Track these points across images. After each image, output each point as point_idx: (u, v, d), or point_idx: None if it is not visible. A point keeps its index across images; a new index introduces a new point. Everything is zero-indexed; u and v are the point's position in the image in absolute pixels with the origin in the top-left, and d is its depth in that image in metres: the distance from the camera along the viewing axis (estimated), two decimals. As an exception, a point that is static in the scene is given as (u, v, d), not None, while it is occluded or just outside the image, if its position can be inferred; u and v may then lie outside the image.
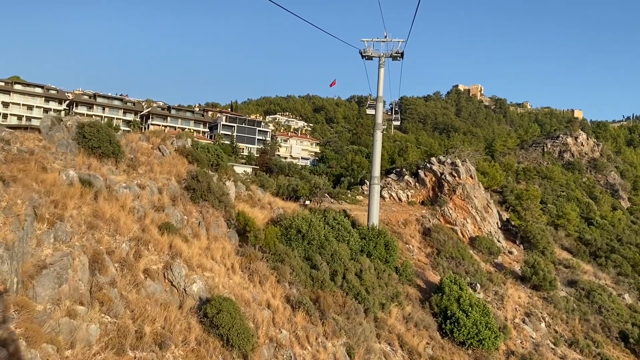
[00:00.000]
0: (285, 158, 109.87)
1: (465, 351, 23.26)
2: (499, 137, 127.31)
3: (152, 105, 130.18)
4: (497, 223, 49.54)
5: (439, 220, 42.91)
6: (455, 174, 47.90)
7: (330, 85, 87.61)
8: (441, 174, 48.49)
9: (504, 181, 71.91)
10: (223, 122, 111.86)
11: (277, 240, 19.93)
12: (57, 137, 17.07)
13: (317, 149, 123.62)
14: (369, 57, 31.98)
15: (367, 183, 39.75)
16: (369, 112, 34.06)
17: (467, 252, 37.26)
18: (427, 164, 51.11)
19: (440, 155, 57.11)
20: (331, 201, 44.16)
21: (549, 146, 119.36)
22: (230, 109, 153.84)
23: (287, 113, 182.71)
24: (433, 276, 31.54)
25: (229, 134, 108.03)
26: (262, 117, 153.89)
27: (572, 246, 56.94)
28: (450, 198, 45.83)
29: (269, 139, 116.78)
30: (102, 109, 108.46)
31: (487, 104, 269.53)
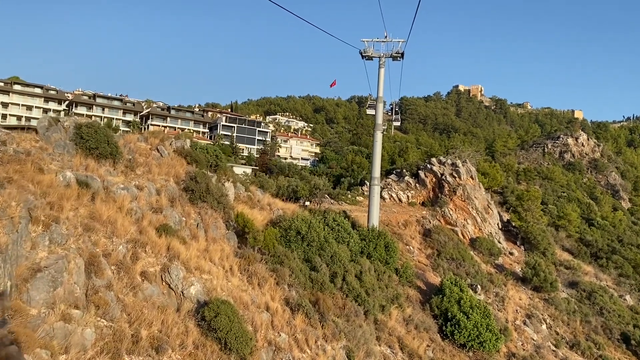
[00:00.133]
0: (285, 159, 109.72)
1: (466, 353, 23.11)
2: (500, 137, 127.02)
3: (151, 105, 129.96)
4: (497, 224, 49.37)
5: (439, 221, 42.74)
6: (456, 175, 47.75)
7: (331, 86, 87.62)
8: (441, 174, 48.33)
9: (505, 182, 71.77)
10: (223, 123, 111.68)
11: (277, 242, 19.79)
12: (54, 137, 16.91)
13: (317, 150, 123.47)
14: (369, 57, 31.86)
15: (367, 184, 39.58)
16: (369, 112, 33.95)
17: (467, 254, 37.10)
18: (428, 165, 50.95)
19: (440, 156, 56.93)
20: (331, 202, 44.00)
21: (549, 147, 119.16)
22: (230, 110, 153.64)
23: (287, 113, 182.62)
24: (433, 277, 31.37)
25: (228, 135, 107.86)
26: (262, 118, 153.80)
27: (573, 247, 56.76)
28: (451, 199, 45.66)
29: (269, 140, 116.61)
30: (102, 110, 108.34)
31: (487, 104, 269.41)
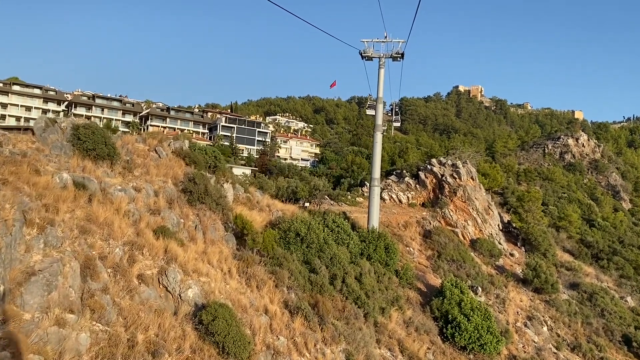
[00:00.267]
0: (285, 159, 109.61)
1: (467, 356, 22.93)
2: (500, 138, 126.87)
3: (151, 106, 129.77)
4: (498, 225, 49.21)
5: (439, 222, 42.59)
6: (456, 176, 47.59)
7: (331, 86, 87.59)
8: (442, 175, 48.18)
9: (505, 183, 71.61)
10: (222, 123, 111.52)
11: (276, 244, 19.62)
12: (51, 139, 16.76)
13: (317, 150, 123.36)
14: (369, 57, 31.72)
15: (367, 185, 39.40)
16: (368, 113, 33.79)
17: (468, 255, 36.94)
18: (428, 166, 50.80)
19: (440, 157, 56.76)
20: (331, 203, 43.83)
21: (549, 147, 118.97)
22: (230, 110, 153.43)
23: (287, 114, 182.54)
24: (434, 279, 31.20)
25: (228, 135, 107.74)
26: (262, 118, 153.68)
27: (573, 248, 56.59)
28: (451, 200, 45.51)
29: (269, 140, 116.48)
30: (101, 110, 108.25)
31: (487, 104, 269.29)
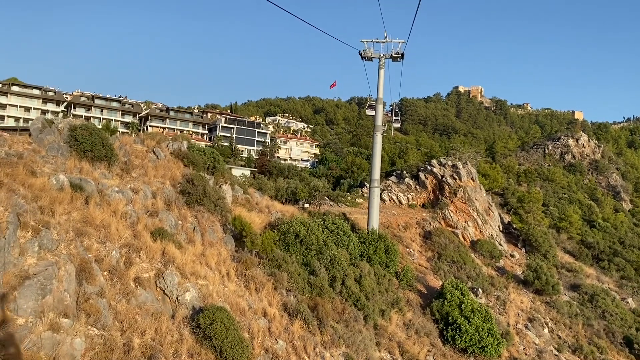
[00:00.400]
0: (284, 160, 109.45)
1: (468, 358, 22.77)
2: (500, 138, 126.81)
3: (150, 106, 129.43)
4: (498, 226, 49.03)
5: (440, 223, 42.43)
6: (456, 177, 47.43)
7: (331, 87, 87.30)
8: (442, 176, 48.02)
9: (505, 183, 71.44)
10: (222, 124, 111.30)
11: (275, 246, 19.44)
12: (47, 140, 16.59)
13: (317, 151, 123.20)
14: (369, 58, 31.56)
15: (367, 186, 39.23)
16: (368, 113, 33.60)
17: (468, 256, 36.77)
18: (428, 166, 50.65)
19: (441, 158, 56.63)
20: (331, 204, 43.66)
21: (550, 148, 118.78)
22: (229, 111, 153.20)
23: (287, 114, 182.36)
24: (434, 281, 31.03)
25: (228, 136, 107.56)
26: (261, 119, 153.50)
27: (574, 249, 56.41)
28: (451, 201, 45.34)
29: (269, 141, 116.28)
30: (100, 111, 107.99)
31: (487, 105, 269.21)
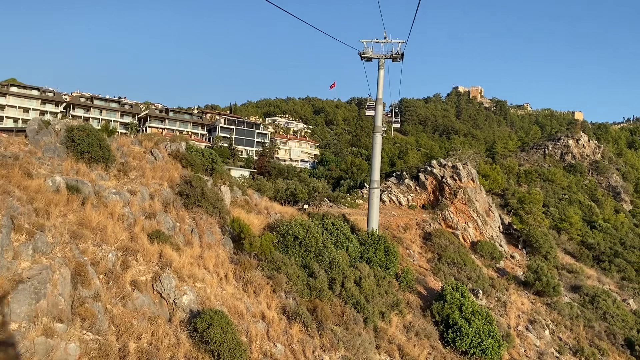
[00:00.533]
0: (284, 161, 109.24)
1: (468, 361, 22.59)
2: (500, 139, 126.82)
3: (150, 107, 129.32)
4: (498, 227, 48.86)
5: (440, 224, 42.27)
6: (456, 177, 47.27)
7: (330, 87, 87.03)
8: (442, 177, 47.86)
9: (506, 184, 71.26)
10: (222, 125, 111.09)
11: (273, 248, 19.27)
12: (44, 141, 16.43)
13: (317, 152, 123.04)
14: (369, 58, 31.43)
15: (367, 187, 39.06)
16: (368, 114, 33.44)
17: (468, 258, 36.60)
18: (428, 167, 50.49)
19: (440, 158, 56.46)
20: (330, 205, 43.49)
21: (550, 148, 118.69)
22: (229, 111, 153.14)
23: (287, 115, 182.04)
24: (434, 283, 30.86)
25: (227, 137, 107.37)
26: (261, 120, 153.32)
27: (575, 250, 56.26)
28: (452, 202, 45.18)
29: (268, 142, 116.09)
30: (99, 112, 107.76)
31: (487, 105, 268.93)
